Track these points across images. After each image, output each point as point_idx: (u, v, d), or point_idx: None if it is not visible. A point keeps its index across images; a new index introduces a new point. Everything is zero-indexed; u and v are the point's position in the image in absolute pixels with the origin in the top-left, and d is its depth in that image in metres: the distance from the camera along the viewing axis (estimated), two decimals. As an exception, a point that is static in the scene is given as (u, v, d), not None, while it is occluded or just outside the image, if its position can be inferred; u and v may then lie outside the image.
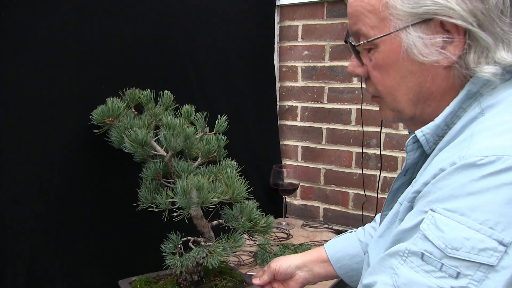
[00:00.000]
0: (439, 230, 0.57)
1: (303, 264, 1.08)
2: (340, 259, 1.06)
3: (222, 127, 1.15)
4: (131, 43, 1.29)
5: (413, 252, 0.59)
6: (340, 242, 1.09)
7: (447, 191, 0.58)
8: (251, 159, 1.80)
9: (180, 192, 1.00)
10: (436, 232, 0.57)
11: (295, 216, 2.06)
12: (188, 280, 1.13)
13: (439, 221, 0.58)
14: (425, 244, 0.58)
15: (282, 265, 1.07)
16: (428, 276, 0.57)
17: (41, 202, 1.08)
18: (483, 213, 0.55)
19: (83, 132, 1.16)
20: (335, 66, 1.91)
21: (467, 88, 0.68)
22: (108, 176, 1.23)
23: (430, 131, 0.70)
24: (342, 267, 1.06)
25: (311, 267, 1.08)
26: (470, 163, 0.58)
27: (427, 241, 0.58)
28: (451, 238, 0.56)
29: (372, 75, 0.75)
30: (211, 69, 1.60)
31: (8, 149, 1.02)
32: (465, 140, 0.63)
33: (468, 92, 0.68)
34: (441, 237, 0.57)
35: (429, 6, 0.66)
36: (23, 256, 1.05)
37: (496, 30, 0.65)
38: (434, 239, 0.57)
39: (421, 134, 0.71)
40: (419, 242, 0.59)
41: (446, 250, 0.56)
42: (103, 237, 1.22)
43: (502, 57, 0.65)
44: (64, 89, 1.12)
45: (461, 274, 0.55)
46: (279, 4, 2.00)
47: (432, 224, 0.58)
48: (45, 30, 1.07)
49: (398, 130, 1.79)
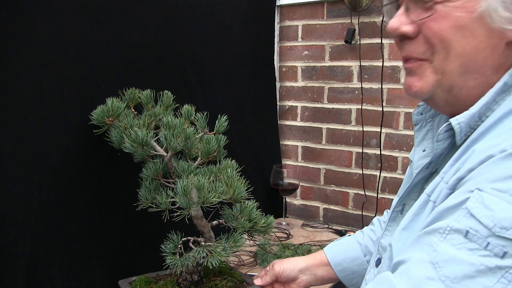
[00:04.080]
0: (488, 208, 0.56)
1: (306, 268, 1.08)
2: (341, 263, 1.06)
3: (222, 127, 1.15)
4: (131, 43, 1.29)
5: (456, 230, 0.57)
6: (339, 246, 1.09)
7: (497, 173, 0.57)
8: (251, 159, 1.80)
9: (180, 192, 1.00)
10: (484, 211, 0.56)
11: (295, 216, 2.06)
12: (188, 280, 1.13)
13: (487, 200, 0.56)
14: (471, 222, 0.56)
15: (286, 268, 1.07)
16: (471, 253, 0.55)
17: (41, 202, 1.08)
18: None
19: (83, 132, 1.16)
20: (335, 66, 1.91)
21: (504, 80, 0.66)
22: (108, 176, 1.23)
23: (466, 120, 0.67)
24: (342, 270, 1.06)
25: (314, 271, 1.08)
26: None
27: (473, 219, 0.56)
28: (501, 217, 0.54)
29: (428, 26, 0.68)
30: (211, 69, 1.60)
31: (8, 149, 1.02)
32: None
33: (505, 85, 0.66)
34: (490, 216, 0.55)
35: None
36: (23, 256, 1.04)
37: None
38: (482, 217, 0.55)
39: (456, 122, 0.68)
40: (463, 220, 0.57)
41: (494, 228, 0.54)
42: (103, 237, 1.22)
43: None
44: (64, 89, 1.12)
45: (508, 254, 0.54)
46: (279, 4, 2.00)
47: (480, 202, 0.57)
48: (45, 30, 1.07)
49: (398, 130, 1.79)
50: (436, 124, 0.82)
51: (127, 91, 1.20)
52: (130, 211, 1.15)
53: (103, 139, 1.15)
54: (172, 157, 1.11)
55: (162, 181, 1.14)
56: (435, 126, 0.82)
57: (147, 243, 1.20)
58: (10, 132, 1.02)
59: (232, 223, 1.10)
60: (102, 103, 1.15)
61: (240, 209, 1.10)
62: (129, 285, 1.16)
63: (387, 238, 0.82)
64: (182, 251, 1.05)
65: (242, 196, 1.05)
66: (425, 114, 0.84)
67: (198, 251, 1.02)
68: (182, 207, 1.01)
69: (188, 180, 1.01)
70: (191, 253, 1.03)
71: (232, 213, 1.11)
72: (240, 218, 1.09)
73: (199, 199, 1.00)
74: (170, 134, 1.06)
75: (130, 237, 1.29)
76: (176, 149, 1.07)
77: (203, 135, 1.14)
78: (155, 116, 1.17)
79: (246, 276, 1.22)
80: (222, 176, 1.08)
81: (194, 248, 1.05)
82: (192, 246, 1.06)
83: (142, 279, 1.17)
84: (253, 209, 1.10)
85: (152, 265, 1.19)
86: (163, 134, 1.07)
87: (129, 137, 1.07)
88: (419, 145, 0.82)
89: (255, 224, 1.10)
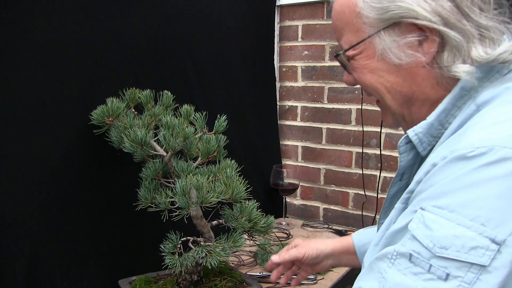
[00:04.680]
0: (428, 228, 0.54)
1: (332, 254, 1.07)
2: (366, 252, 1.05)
3: (221, 127, 1.15)
4: (131, 43, 1.29)
5: (401, 254, 0.56)
6: (368, 234, 1.07)
7: (438, 187, 0.56)
8: (251, 159, 1.80)
9: (180, 192, 1.00)
10: (425, 231, 0.54)
11: (295, 216, 2.06)
12: (188, 280, 1.13)
13: (427, 219, 0.54)
14: (413, 244, 0.55)
15: (311, 254, 1.05)
16: (416, 278, 0.54)
17: (41, 202, 1.08)
18: (474, 208, 0.52)
19: (83, 132, 1.16)
20: (335, 66, 1.90)
21: (461, 85, 0.65)
22: (108, 176, 1.23)
23: (423, 130, 0.67)
24: None
25: (339, 257, 1.07)
26: (460, 156, 0.55)
27: (415, 241, 0.55)
28: (439, 237, 0.52)
29: (356, 79, 0.76)
30: (211, 69, 1.60)
31: (8, 149, 1.02)
32: (460, 134, 0.61)
33: (462, 89, 0.65)
34: (429, 236, 0.53)
35: (394, 10, 0.66)
36: (23, 256, 1.05)
37: (467, 28, 0.63)
38: (422, 238, 0.54)
39: (413, 133, 0.68)
40: (407, 243, 0.56)
41: (434, 249, 0.53)
42: (103, 237, 1.22)
43: (479, 54, 0.63)
44: (64, 89, 1.12)
45: (450, 276, 0.51)
46: (279, 4, 2.00)
47: (421, 223, 0.55)
48: (45, 30, 1.07)
49: (398, 130, 1.79)
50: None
51: (127, 91, 1.20)
52: (130, 211, 1.15)
53: (103, 139, 1.15)
54: (171, 157, 1.11)
55: (162, 181, 1.14)
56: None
57: (147, 243, 1.20)
58: (10, 132, 1.02)
59: (232, 223, 1.10)
60: (102, 103, 1.15)
61: (240, 209, 1.10)
62: (129, 284, 1.16)
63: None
64: (182, 251, 1.06)
65: (241, 196, 1.05)
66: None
67: (197, 251, 1.02)
68: (181, 207, 1.02)
69: (187, 180, 1.01)
70: (190, 253, 1.03)
71: (232, 213, 1.12)
72: (240, 218, 1.09)
73: (198, 199, 1.00)
74: (170, 134, 1.06)
75: (130, 237, 1.29)
76: (175, 149, 1.07)
77: (203, 135, 1.14)
78: (155, 116, 1.17)
79: (246, 276, 1.22)
80: (221, 176, 1.08)
81: (193, 248, 1.05)
82: (191, 246, 1.06)
83: (142, 279, 1.17)
84: (253, 209, 1.10)
85: (152, 265, 1.19)
86: (162, 134, 1.07)
87: (129, 137, 1.07)
88: None
89: (255, 224, 1.10)
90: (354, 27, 0.71)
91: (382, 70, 0.71)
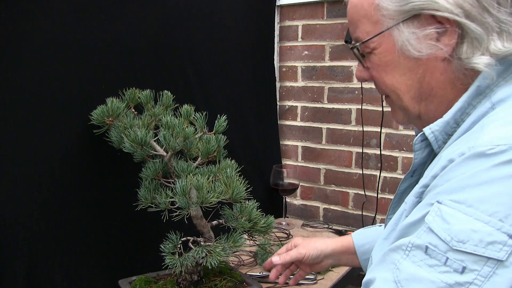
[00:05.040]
0: (445, 222, 0.55)
1: (332, 254, 1.07)
2: (366, 252, 1.04)
3: (221, 127, 1.14)
4: (131, 43, 1.29)
5: (416, 246, 0.57)
6: (368, 234, 1.07)
7: (455, 182, 0.56)
8: (251, 159, 1.80)
9: (180, 192, 1.00)
10: (442, 225, 0.55)
11: (295, 216, 2.06)
12: (188, 280, 1.13)
13: (445, 213, 0.55)
14: (430, 237, 0.55)
15: (312, 254, 1.06)
16: (431, 270, 0.54)
17: (41, 202, 1.08)
18: (493, 204, 0.52)
19: (83, 132, 1.16)
20: (335, 66, 1.91)
21: (477, 83, 0.66)
22: (108, 176, 1.23)
23: (439, 128, 0.68)
24: (367, 260, 1.03)
25: (339, 257, 1.08)
26: (480, 153, 0.55)
27: (432, 233, 0.55)
28: (457, 230, 0.53)
29: (373, 76, 0.75)
30: (211, 69, 1.60)
31: (8, 149, 1.02)
32: (475, 131, 0.61)
33: (478, 88, 0.66)
34: (447, 229, 0.54)
35: (415, 2, 0.66)
36: (23, 256, 1.05)
37: (487, 20, 0.64)
38: (440, 231, 0.55)
39: (430, 131, 0.68)
40: (423, 235, 0.56)
41: (451, 243, 0.53)
42: (103, 237, 1.22)
43: (497, 48, 0.64)
44: (64, 89, 1.12)
45: (467, 269, 0.52)
46: (279, 4, 2.00)
47: (438, 216, 0.56)
48: (45, 30, 1.07)
49: (398, 130, 1.79)
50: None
51: (127, 91, 1.20)
52: (130, 211, 1.15)
53: (103, 139, 1.15)
54: (172, 157, 1.11)
55: (162, 181, 1.14)
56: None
57: (147, 243, 1.20)
58: (10, 132, 1.02)
59: (232, 223, 1.10)
60: (102, 103, 1.15)
61: (240, 209, 1.10)
62: (129, 284, 1.16)
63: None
64: (182, 251, 1.06)
65: (241, 196, 1.05)
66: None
67: (197, 251, 1.02)
68: (181, 207, 1.02)
69: (187, 180, 1.01)
70: (190, 253, 1.03)
71: (232, 213, 1.11)
72: (240, 218, 1.09)
73: (198, 199, 1.00)
74: (169, 134, 1.06)
75: (130, 237, 1.29)
76: (175, 149, 1.07)
77: (203, 135, 1.14)
78: (155, 116, 1.17)
79: (246, 276, 1.22)
80: (222, 176, 1.08)
81: (193, 248, 1.05)
82: (191, 246, 1.06)
83: (142, 279, 1.17)
84: (253, 209, 1.10)
85: (152, 265, 1.19)
86: (162, 134, 1.07)
87: (129, 137, 1.07)
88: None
89: (255, 224, 1.10)
90: (372, 19, 0.71)
91: (403, 67, 0.70)
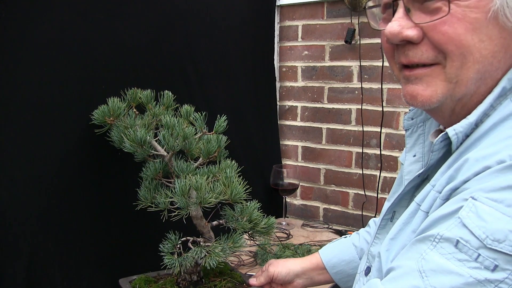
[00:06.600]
0: (481, 219, 0.53)
1: (302, 272, 1.07)
2: (336, 265, 1.05)
3: (221, 127, 1.14)
4: (132, 43, 1.29)
5: (446, 238, 0.55)
6: (334, 248, 1.08)
7: (494, 183, 0.54)
8: (251, 159, 1.80)
9: (179, 192, 1.00)
10: (477, 221, 0.53)
11: (295, 216, 2.06)
12: (187, 280, 1.13)
13: (481, 210, 0.54)
14: (462, 232, 0.54)
15: (281, 272, 1.06)
16: (460, 265, 0.53)
17: (41, 202, 1.08)
18: None
19: (84, 132, 1.16)
20: (335, 66, 1.91)
21: (502, 85, 0.63)
22: (109, 176, 1.24)
23: (463, 130, 0.64)
24: (338, 273, 1.05)
25: (309, 275, 1.07)
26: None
27: (465, 228, 0.54)
28: (494, 229, 0.52)
29: (439, 30, 0.62)
30: (211, 69, 1.60)
31: (8, 149, 1.02)
32: (510, 137, 0.58)
33: (503, 90, 0.63)
34: (483, 227, 0.53)
35: None
36: (23, 256, 1.05)
37: None
38: (474, 228, 0.53)
39: (454, 132, 0.64)
40: (454, 229, 0.55)
41: (486, 240, 0.52)
42: (103, 236, 1.23)
43: None
44: (65, 89, 1.12)
45: (498, 268, 0.52)
46: (279, 4, 2.00)
47: (473, 212, 0.54)
48: (45, 30, 1.07)
49: (398, 130, 1.79)
50: (427, 128, 0.80)
51: (128, 91, 1.20)
52: (130, 211, 1.15)
53: (104, 139, 1.15)
54: (172, 157, 1.11)
55: (163, 181, 1.14)
56: (426, 130, 0.80)
57: (147, 243, 1.20)
58: (10, 132, 1.02)
59: (232, 224, 1.10)
60: (103, 103, 1.15)
61: (241, 209, 1.10)
62: (129, 284, 1.16)
63: (376, 247, 0.80)
64: (181, 251, 1.06)
65: (240, 197, 1.05)
66: (416, 118, 0.82)
67: (196, 251, 1.02)
68: (181, 207, 1.02)
69: (186, 180, 1.01)
70: (190, 253, 1.03)
71: (232, 214, 1.11)
72: (241, 219, 1.09)
73: (197, 199, 1.00)
74: (169, 134, 1.06)
75: (130, 237, 1.29)
76: (175, 149, 1.07)
77: (202, 135, 1.14)
78: (156, 116, 1.17)
79: (246, 276, 1.22)
80: (221, 177, 1.08)
81: (192, 248, 1.05)
82: (190, 246, 1.06)
83: (142, 278, 1.17)
84: (254, 210, 1.10)
85: (152, 265, 1.19)
86: (162, 134, 1.07)
87: (128, 136, 1.07)
88: (410, 151, 0.80)
89: (255, 225, 1.10)
90: None
91: (485, 33, 0.60)
